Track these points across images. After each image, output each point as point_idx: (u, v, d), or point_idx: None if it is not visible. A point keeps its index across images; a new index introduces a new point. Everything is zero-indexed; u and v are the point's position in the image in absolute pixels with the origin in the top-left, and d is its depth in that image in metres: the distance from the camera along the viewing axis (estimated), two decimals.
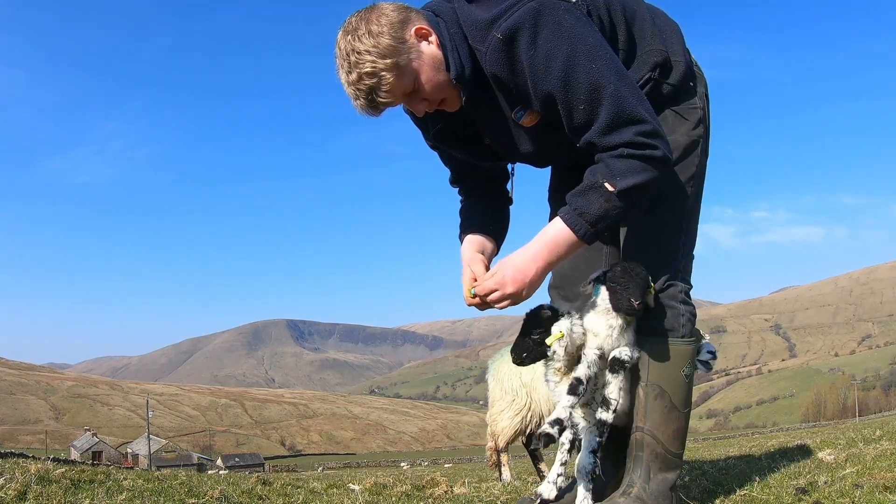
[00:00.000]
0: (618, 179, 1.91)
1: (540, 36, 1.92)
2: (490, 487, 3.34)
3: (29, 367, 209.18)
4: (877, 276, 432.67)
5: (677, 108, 2.26)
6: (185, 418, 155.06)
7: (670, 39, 2.24)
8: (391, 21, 1.95)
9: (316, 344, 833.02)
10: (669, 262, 2.23)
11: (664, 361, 2.17)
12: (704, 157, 2.32)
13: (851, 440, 4.07)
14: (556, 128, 2.07)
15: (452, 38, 2.01)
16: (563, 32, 1.92)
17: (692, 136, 2.26)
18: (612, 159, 1.93)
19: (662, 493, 2.15)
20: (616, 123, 1.92)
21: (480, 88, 2.08)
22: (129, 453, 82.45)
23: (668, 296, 2.21)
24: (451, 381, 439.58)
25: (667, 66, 2.20)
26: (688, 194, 2.26)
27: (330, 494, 2.97)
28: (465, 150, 2.33)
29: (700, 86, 2.31)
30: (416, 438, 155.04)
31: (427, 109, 2.09)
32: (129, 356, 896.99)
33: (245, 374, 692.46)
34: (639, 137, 1.91)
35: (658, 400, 2.17)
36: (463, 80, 2.01)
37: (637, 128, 1.91)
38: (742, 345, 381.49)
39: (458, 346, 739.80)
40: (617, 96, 1.91)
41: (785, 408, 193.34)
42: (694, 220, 2.32)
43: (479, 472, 7.72)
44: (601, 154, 1.96)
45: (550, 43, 1.91)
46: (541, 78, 1.94)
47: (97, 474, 2.96)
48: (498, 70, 1.99)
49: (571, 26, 1.94)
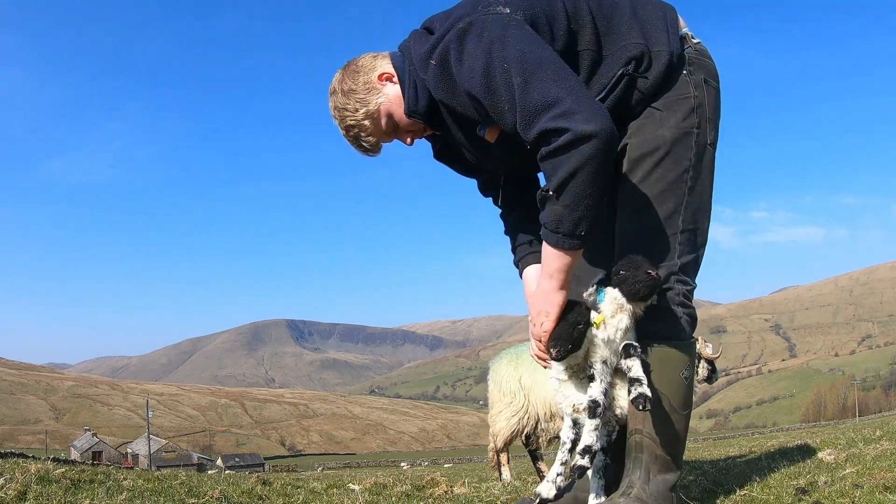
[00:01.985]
0: (551, 181, 1.92)
1: (464, 51, 2.00)
2: (490, 487, 3.34)
3: (29, 367, 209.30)
4: (877, 276, 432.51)
5: (660, 103, 2.20)
6: (185, 418, 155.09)
7: (653, 29, 2.19)
8: (359, 75, 2.21)
9: (316, 344, 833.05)
10: (664, 262, 2.17)
11: (663, 365, 2.14)
12: (703, 147, 2.22)
13: (851, 440, 4.07)
14: (521, 140, 2.06)
15: (411, 74, 2.17)
16: (482, 42, 1.97)
17: (681, 127, 2.18)
18: (541, 163, 1.94)
19: (662, 494, 2.13)
20: (529, 115, 1.90)
21: (440, 117, 2.20)
22: (129, 453, 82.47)
23: (665, 299, 2.16)
24: (451, 381, 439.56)
25: (643, 59, 2.16)
26: (682, 189, 2.18)
27: (330, 494, 2.97)
28: (462, 168, 2.43)
29: (698, 73, 2.23)
30: (416, 438, 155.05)
31: (416, 138, 2.30)
32: (129, 356, 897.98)
33: (245, 374, 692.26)
34: (548, 123, 1.87)
35: (658, 402, 2.14)
36: (417, 114, 2.17)
37: (549, 113, 1.87)
38: (742, 345, 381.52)
39: (458, 346, 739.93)
40: (524, 90, 1.90)
41: (785, 408, 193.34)
42: (698, 216, 2.22)
43: (479, 472, 7.72)
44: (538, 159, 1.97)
45: (472, 56, 1.98)
46: (469, 90, 2.01)
47: (97, 474, 2.95)
48: (441, 95, 2.11)
49: (492, 34, 1.97)
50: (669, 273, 2.17)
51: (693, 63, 2.24)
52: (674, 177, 2.18)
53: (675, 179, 2.18)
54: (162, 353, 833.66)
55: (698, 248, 2.24)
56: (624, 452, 2.23)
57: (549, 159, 1.90)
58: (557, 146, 1.87)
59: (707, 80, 2.26)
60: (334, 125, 2.27)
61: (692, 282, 2.23)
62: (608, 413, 2.17)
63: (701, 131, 2.21)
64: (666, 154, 2.18)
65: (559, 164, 1.88)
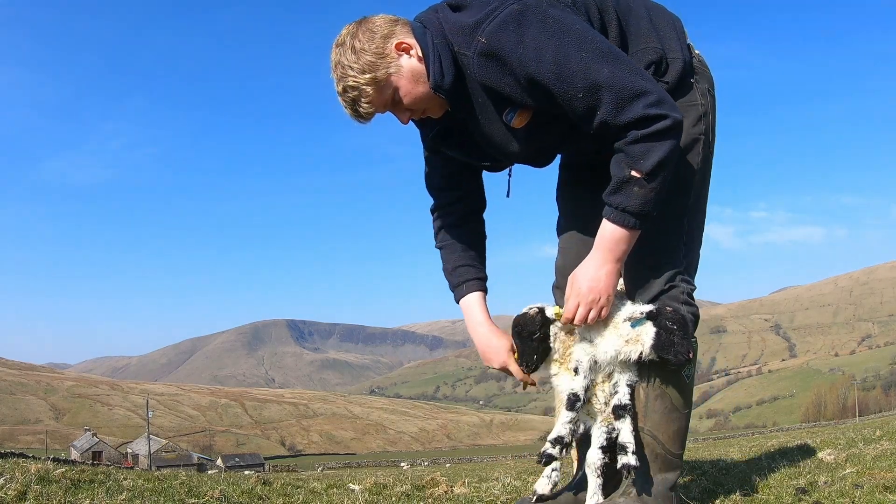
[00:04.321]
0: (641, 163, 1.94)
1: (526, 35, 1.96)
2: (490, 487, 3.33)
3: (29, 367, 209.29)
4: (877, 276, 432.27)
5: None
6: (185, 418, 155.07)
7: (667, 37, 2.22)
8: (374, 37, 2.05)
9: (316, 344, 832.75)
10: (672, 261, 2.21)
11: (666, 363, 2.12)
12: (708, 154, 2.28)
13: (851, 440, 4.07)
14: (548, 129, 2.12)
15: (436, 48, 2.06)
16: (547, 28, 1.96)
17: (691, 133, 2.22)
18: (629, 146, 1.96)
19: (662, 494, 2.14)
20: (622, 102, 1.93)
21: (465, 95, 2.12)
22: (129, 453, 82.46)
23: (670, 297, 2.18)
24: (451, 381, 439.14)
25: (662, 64, 2.19)
26: (689, 192, 2.23)
27: (330, 494, 2.97)
28: (463, 152, 2.34)
29: (702, 82, 2.28)
30: (416, 438, 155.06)
31: (413, 117, 2.18)
32: (129, 356, 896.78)
33: (245, 374, 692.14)
34: (648, 110, 1.92)
35: (658, 401, 2.15)
36: (442, 90, 2.07)
37: (643, 100, 1.92)
38: (742, 345, 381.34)
39: (458, 346, 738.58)
40: (613, 77, 1.93)
41: (785, 408, 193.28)
42: (697, 219, 2.29)
43: (479, 472, 7.71)
44: (618, 143, 1.98)
45: (537, 40, 1.95)
46: (534, 75, 1.96)
47: (97, 474, 2.95)
48: (485, 73, 2.02)
49: (555, 20, 1.97)
50: (677, 272, 2.21)
51: (698, 73, 2.28)
52: (683, 181, 2.20)
53: (684, 183, 2.21)
54: (162, 353, 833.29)
55: (697, 248, 2.31)
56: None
57: (642, 143, 1.93)
58: (655, 131, 1.92)
59: (709, 89, 2.30)
60: (338, 121, 2.23)
61: (693, 282, 2.27)
62: (608, 409, 2.18)
63: (706, 138, 2.26)
64: (679, 158, 2.18)
65: (653, 148, 1.93)
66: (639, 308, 2.11)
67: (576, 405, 2.11)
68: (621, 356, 2.08)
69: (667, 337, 2.04)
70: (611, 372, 2.15)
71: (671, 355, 2.03)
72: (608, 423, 2.16)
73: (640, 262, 2.19)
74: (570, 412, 2.11)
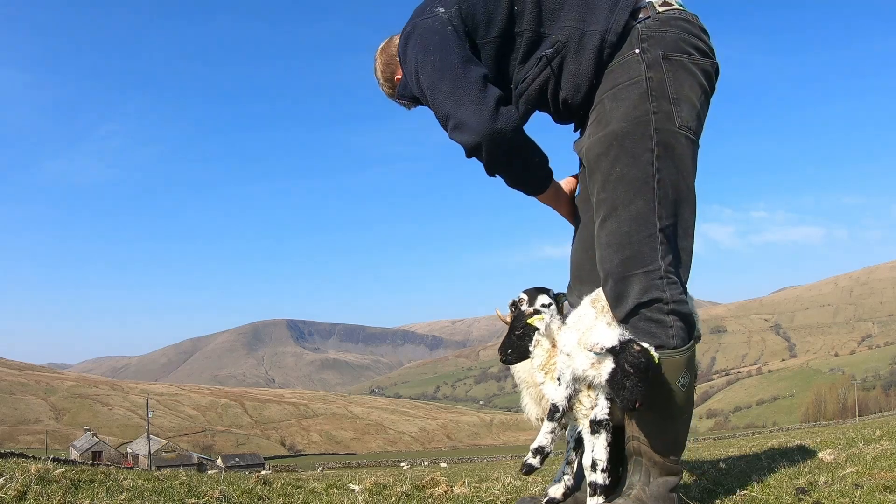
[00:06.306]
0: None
1: (406, 56, 2.29)
2: (490, 487, 3.33)
3: (29, 367, 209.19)
4: (877, 276, 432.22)
5: (610, 93, 2.08)
6: (185, 418, 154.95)
7: (597, 9, 2.09)
8: (387, 51, 2.55)
9: (316, 344, 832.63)
10: (645, 267, 2.04)
11: (658, 375, 2.01)
12: (670, 133, 2.02)
13: (851, 440, 4.07)
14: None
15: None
16: (413, 48, 2.23)
17: (632, 117, 2.02)
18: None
19: (662, 496, 2.11)
20: (443, 124, 2.17)
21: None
22: (129, 453, 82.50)
23: (653, 310, 2.05)
24: (451, 381, 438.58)
25: (568, 42, 2.10)
26: (650, 184, 2.02)
27: (330, 494, 2.98)
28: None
29: (653, 49, 2.04)
30: (416, 438, 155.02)
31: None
32: (129, 356, 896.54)
33: (245, 374, 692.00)
34: (452, 136, 2.13)
35: (650, 410, 2.06)
36: (402, 95, 2.48)
37: (448, 126, 2.13)
38: (742, 345, 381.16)
39: (458, 346, 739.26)
40: (433, 100, 2.16)
41: (785, 408, 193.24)
42: (677, 209, 2.06)
43: (479, 472, 7.71)
44: None
45: (408, 62, 2.28)
46: (415, 94, 2.34)
47: (97, 474, 2.96)
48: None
49: (420, 40, 2.20)
50: (656, 278, 2.04)
51: (649, 38, 2.05)
52: (636, 173, 2.02)
53: (639, 175, 2.02)
54: (162, 353, 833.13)
55: (683, 240, 2.11)
56: (625, 454, 2.21)
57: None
58: (466, 152, 2.14)
59: (668, 55, 2.04)
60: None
61: (682, 277, 2.12)
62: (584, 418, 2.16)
63: (661, 115, 2.01)
64: (620, 150, 2.02)
65: (480, 160, 2.15)
66: (607, 339, 1.96)
67: (555, 416, 2.10)
68: (588, 377, 2.04)
69: (620, 379, 1.93)
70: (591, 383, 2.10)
71: (619, 398, 1.95)
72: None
73: (611, 274, 2.06)
74: (550, 423, 2.11)
